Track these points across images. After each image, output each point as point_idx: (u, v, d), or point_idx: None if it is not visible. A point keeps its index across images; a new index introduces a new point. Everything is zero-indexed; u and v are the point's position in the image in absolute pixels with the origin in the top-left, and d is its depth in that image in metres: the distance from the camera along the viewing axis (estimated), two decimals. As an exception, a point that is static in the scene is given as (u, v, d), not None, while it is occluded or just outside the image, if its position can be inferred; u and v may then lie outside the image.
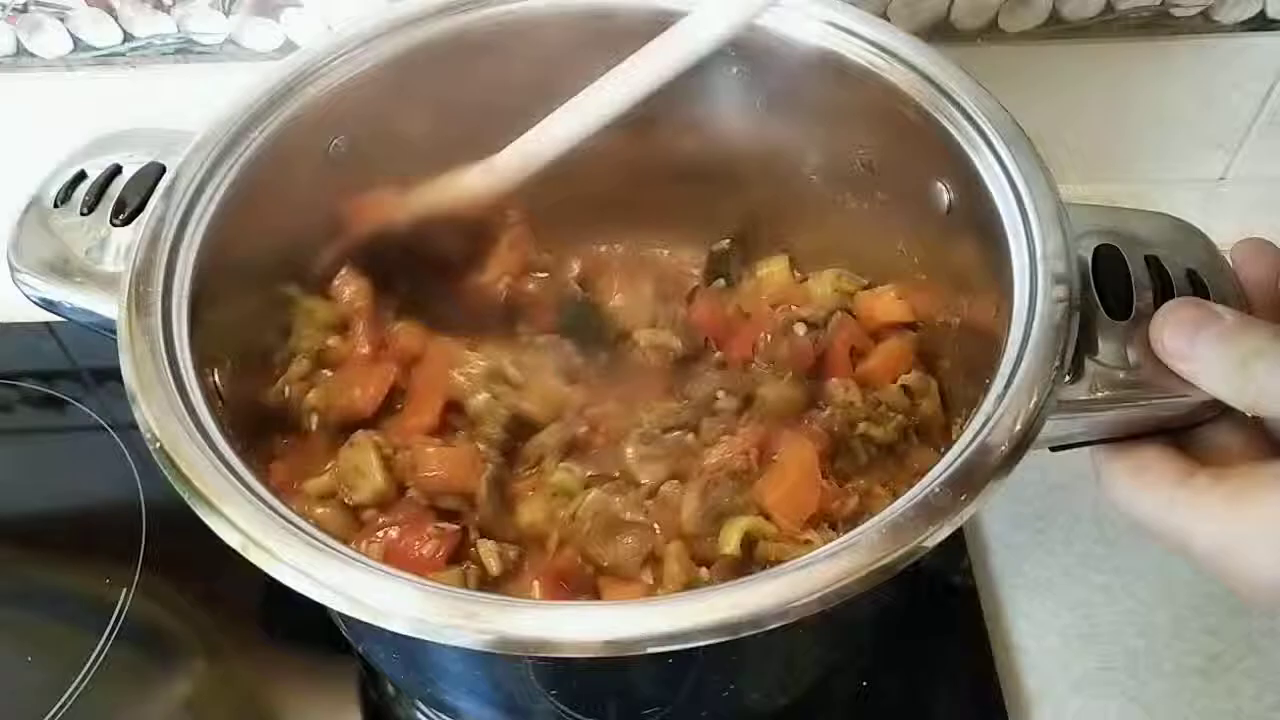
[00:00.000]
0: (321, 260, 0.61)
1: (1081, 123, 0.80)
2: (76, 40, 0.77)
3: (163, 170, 0.53)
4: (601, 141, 0.64)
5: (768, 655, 0.51)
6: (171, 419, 0.43)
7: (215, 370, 0.48)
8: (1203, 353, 0.42)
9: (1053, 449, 0.47)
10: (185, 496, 0.41)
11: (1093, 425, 0.46)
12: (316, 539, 0.40)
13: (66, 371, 0.78)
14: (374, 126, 0.58)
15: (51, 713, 0.61)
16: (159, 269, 0.48)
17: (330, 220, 0.60)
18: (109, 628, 0.64)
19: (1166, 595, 0.65)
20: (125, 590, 0.65)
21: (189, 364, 0.46)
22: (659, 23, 0.58)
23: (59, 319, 0.52)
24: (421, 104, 0.60)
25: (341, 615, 0.42)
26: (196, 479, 0.41)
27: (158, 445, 0.42)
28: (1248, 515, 0.41)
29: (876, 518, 0.40)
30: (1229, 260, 0.49)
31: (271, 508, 0.41)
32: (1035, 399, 0.43)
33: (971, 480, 0.41)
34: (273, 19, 0.75)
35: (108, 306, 0.49)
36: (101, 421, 0.74)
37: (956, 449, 0.42)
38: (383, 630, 0.39)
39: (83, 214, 0.53)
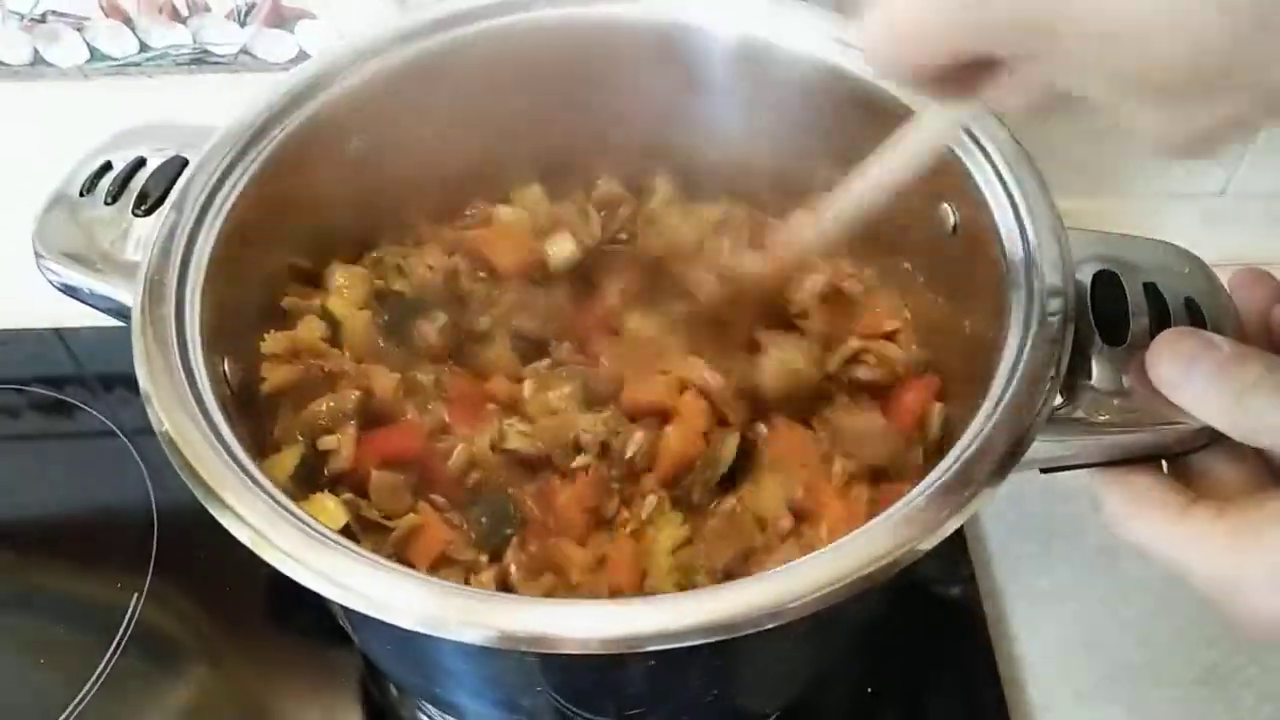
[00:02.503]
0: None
1: (1082, 138, 0.80)
2: (93, 50, 0.78)
3: (186, 163, 0.54)
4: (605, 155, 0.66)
5: (770, 656, 0.51)
6: (181, 411, 0.44)
7: (226, 359, 0.49)
8: (1199, 384, 0.42)
9: (1044, 470, 0.47)
10: (193, 489, 0.42)
11: (1086, 449, 0.46)
12: (323, 534, 0.41)
13: (75, 377, 0.78)
14: (390, 130, 0.59)
15: (63, 717, 0.61)
16: (175, 260, 0.49)
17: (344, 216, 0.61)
18: (120, 632, 0.64)
19: (1168, 606, 0.65)
20: (136, 595, 0.66)
21: (200, 354, 0.46)
22: (663, 35, 0.59)
23: (68, 325, 0.53)
24: (436, 109, 0.60)
25: (346, 612, 0.43)
26: (205, 472, 0.42)
27: (167, 437, 0.43)
28: (1248, 554, 0.41)
29: (870, 523, 0.40)
30: (1227, 288, 0.49)
31: (278, 502, 0.41)
32: (1029, 410, 0.43)
33: (965, 489, 0.41)
34: (287, 30, 0.76)
35: (126, 294, 0.50)
36: (111, 426, 0.74)
37: (950, 458, 0.43)
38: (386, 626, 0.39)
39: (106, 204, 0.54)
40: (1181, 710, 0.61)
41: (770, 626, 0.38)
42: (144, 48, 0.77)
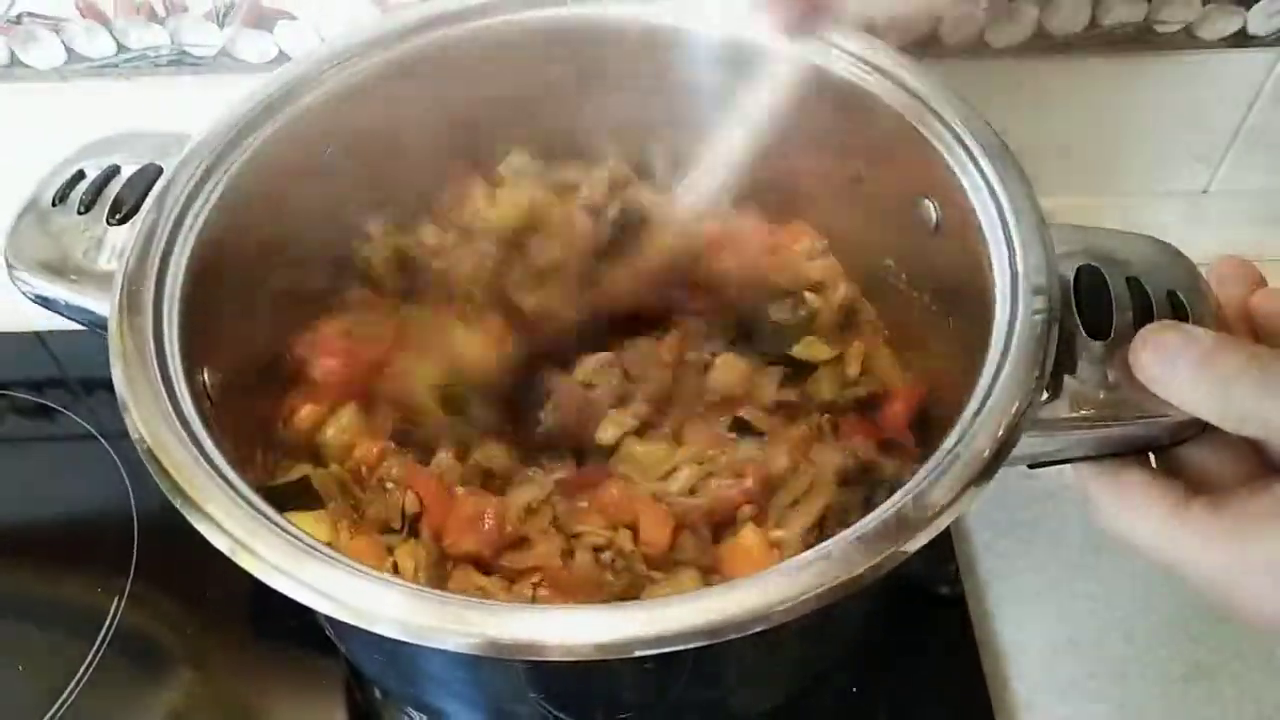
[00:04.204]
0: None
1: (1066, 137, 0.80)
2: (70, 51, 0.77)
3: (160, 172, 0.53)
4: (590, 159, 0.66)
5: (756, 658, 0.51)
6: (159, 421, 0.43)
7: (205, 371, 0.49)
8: (1183, 377, 0.42)
9: (1031, 466, 0.48)
10: (172, 498, 0.42)
11: (1072, 444, 0.46)
12: (304, 542, 0.40)
13: (57, 380, 0.78)
14: (367, 135, 0.59)
15: (43, 721, 0.61)
16: (151, 270, 0.49)
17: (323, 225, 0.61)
18: (100, 636, 0.64)
19: (1152, 603, 0.65)
20: (117, 599, 0.65)
21: (178, 364, 0.46)
22: (646, 37, 0.59)
23: (49, 328, 0.53)
24: (414, 113, 0.60)
25: (329, 619, 0.43)
26: (184, 481, 0.42)
27: (145, 447, 0.43)
28: (1248, 552, 0.41)
29: (857, 524, 0.40)
30: (1209, 281, 0.49)
31: (259, 510, 0.41)
32: (1015, 408, 0.43)
33: (951, 488, 0.41)
34: (266, 31, 0.76)
35: (102, 305, 0.49)
36: (92, 430, 0.74)
37: (937, 457, 0.43)
38: (370, 634, 0.39)
39: (80, 213, 0.53)
40: (1166, 706, 0.62)
41: (758, 630, 0.38)
42: (121, 49, 0.77)
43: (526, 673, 0.46)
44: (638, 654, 0.38)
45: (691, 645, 0.38)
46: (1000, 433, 0.43)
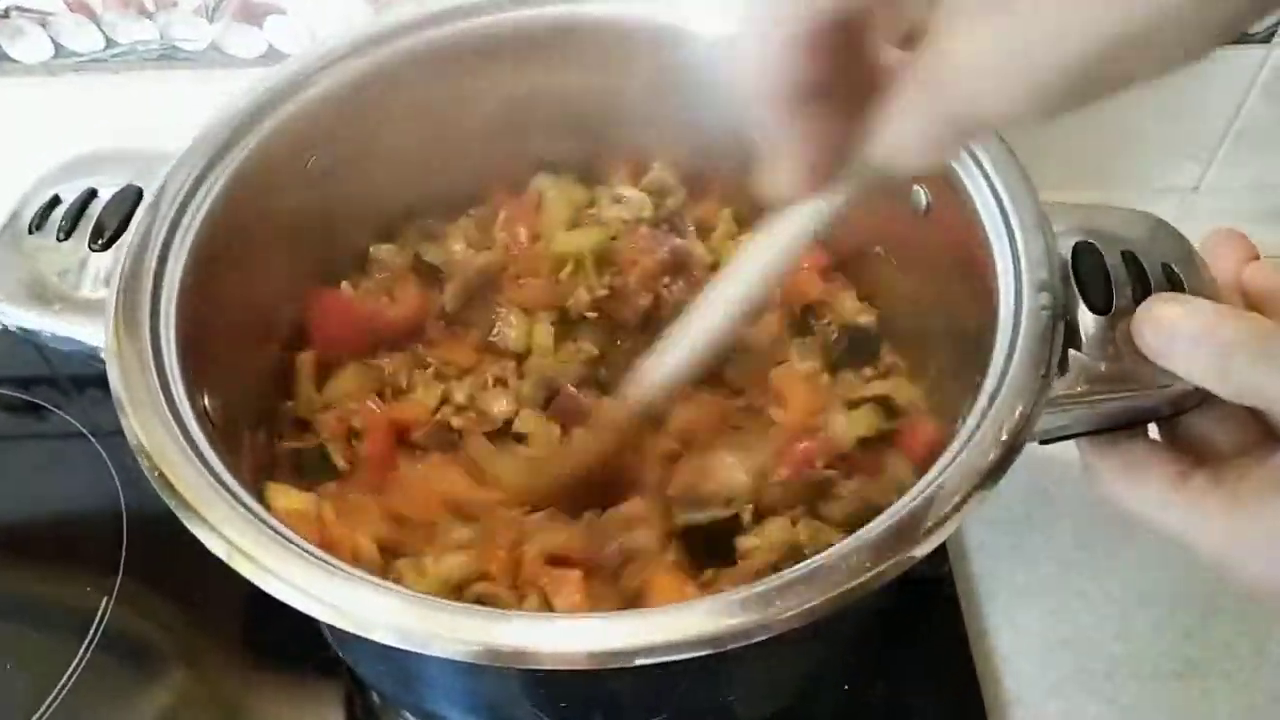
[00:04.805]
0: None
1: (1056, 134, 0.80)
2: (58, 46, 0.76)
3: (140, 193, 0.52)
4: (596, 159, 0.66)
5: (754, 665, 0.51)
6: (158, 427, 0.43)
7: (206, 394, 0.48)
8: (1184, 348, 0.43)
9: (1042, 442, 0.48)
10: (172, 505, 0.41)
11: (1079, 418, 0.46)
12: (302, 548, 0.40)
13: (46, 378, 0.77)
14: (358, 139, 0.59)
15: (32, 720, 0.60)
16: (145, 291, 0.48)
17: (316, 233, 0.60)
18: (89, 636, 0.63)
19: (1144, 600, 0.65)
20: (106, 598, 0.65)
21: (180, 388, 0.45)
22: (646, 38, 0.59)
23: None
24: (406, 116, 0.60)
25: (327, 624, 0.43)
26: (184, 488, 0.41)
27: (144, 452, 0.42)
28: (1249, 525, 0.41)
29: (865, 529, 0.40)
30: (1202, 254, 0.49)
31: (257, 516, 0.41)
32: (1022, 408, 0.43)
33: (959, 492, 0.41)
34: (256, 26, 0.75)
35: (88, 332, 0.48)
36: (82, 428, 0.73)
37: (944, 459, 0.42)
38: (369, 640, 0.39)
39: (59, 239, 0.52)
40: (1157, 703, 0.62)
41: (761, 639, 0.38)
42: (110, 44, 0.76)
43: (524, 680, 0.46)
44: (637, 663, 0.38)
45: (693, 655, 0.37)
46: (1007, 434, 0.42)
